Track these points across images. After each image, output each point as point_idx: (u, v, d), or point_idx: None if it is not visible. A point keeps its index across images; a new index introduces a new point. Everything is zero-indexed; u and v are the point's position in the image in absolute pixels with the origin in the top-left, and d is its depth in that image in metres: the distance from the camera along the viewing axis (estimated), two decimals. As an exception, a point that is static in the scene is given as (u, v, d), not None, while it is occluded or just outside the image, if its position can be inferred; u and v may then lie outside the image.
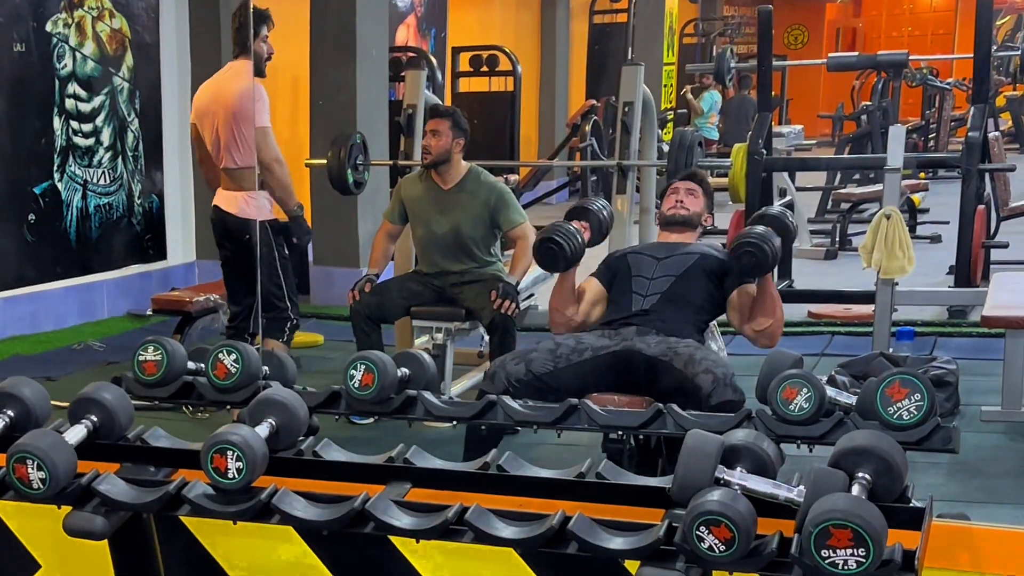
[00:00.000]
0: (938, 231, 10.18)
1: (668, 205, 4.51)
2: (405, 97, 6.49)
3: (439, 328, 5.55)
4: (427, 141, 5.51)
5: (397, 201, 5.73)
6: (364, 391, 2.80)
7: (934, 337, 6.89)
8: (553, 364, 3.89)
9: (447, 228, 5.54)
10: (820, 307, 7.63)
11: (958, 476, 4.70)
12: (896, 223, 5.92)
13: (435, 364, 2.99)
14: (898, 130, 6.19)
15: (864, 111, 12.68)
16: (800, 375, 2.66)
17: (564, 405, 2.78)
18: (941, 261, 8.61)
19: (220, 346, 2.91)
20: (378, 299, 5.49)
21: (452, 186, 5.58)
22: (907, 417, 2.52)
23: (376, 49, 8.30)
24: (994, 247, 7.79)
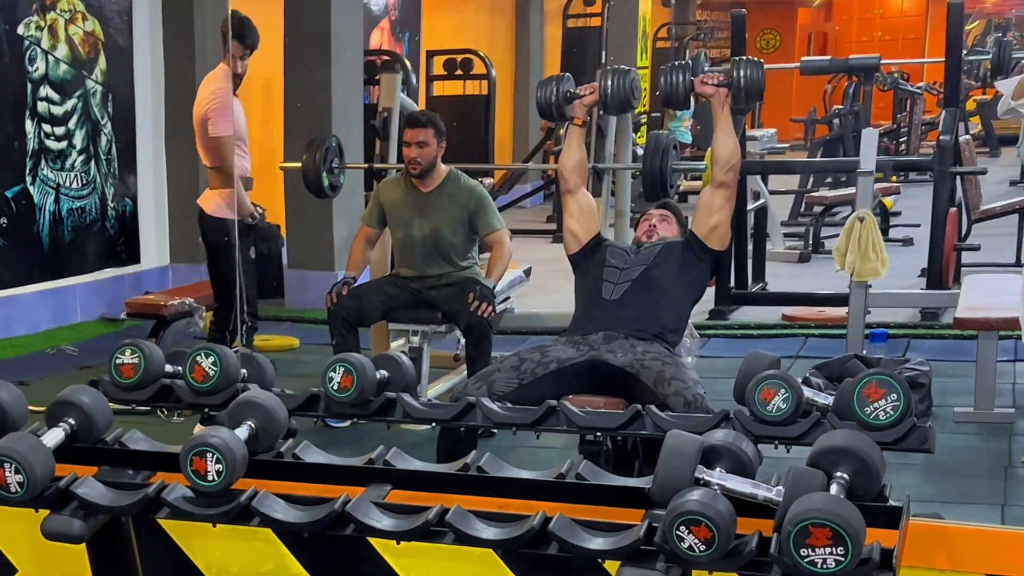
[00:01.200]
0: (910, 234, 10.25)
1: (641, 230, 4.56)
2: (380, 100, 6.48)
3: (415, 331, 5.55)
4: (414, 152, 5.49)
5: (375, 205, 5.73)
6: (343, 393, 2.80)
7: (907, 339, 6.94)
8: (517, 381, 3.89)
9: (427, 231, 5.55)
10: (794, 309, 7.67)
11: (932, 476, 4.73)
12: (869, 226, 5.96)
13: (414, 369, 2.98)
14: (871, 134, 6.23)
15: (836, 115, 12.76)
16: (778, 376, 2.68)
17: (543, 407, 2.78)
18: (913, 264, 8.67)
19: (198, 349, 2.90)
20: (356, 302, 5.49)
21: (432, 189, 5.59)
22: (883, 417, 2.54)
23: (351, 52, 8.30)
24: (965, 249, 7.85)
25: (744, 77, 4.27)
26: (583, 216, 4.43)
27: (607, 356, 3.98)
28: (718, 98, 4.29)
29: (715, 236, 4.30)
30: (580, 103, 4.55)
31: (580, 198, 4.45)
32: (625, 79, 4.50)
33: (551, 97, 4.55)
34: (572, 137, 4.52)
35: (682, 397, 3.72)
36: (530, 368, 3.97)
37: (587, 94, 4.54)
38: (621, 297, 4.20)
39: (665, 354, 4.00)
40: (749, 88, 4.26)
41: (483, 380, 3.91)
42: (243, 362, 2.99)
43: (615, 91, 4.51)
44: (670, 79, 4.41)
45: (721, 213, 4.29)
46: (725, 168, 4.29)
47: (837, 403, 2.64)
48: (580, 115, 4.54)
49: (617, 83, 4.51)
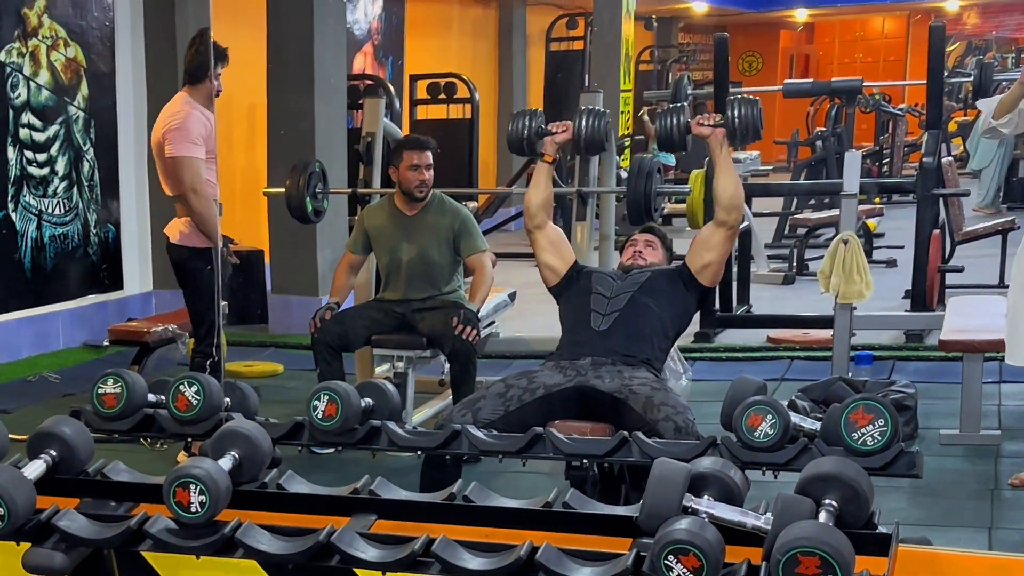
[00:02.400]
0: (894, 255, 10.28)
1: (627, 256, 4.56)
2: (364, 125, 6.49)
3: (400, 356, 5.54)
4: (424, 175, 5.52)
5: (360, 231, 5.74)
6: (327, 422, 2.78)
7: (892, 361, 6.94)
8: (504, 408, 3.87)
9: (413, 254, 5.56)
10: (779, 332, 7.67)
11: (920, 500, 4.73)
12: (854, 248, 5.98)
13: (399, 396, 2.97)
14: (853, 156, 6.27)
15: (819, 137, 12.81)
16: (765, 402, 2.67)
17: (529, 434, 2.77)
18: (897, 285, 8.69)
19: (181, 378, 2.88)
20: (340, 328, 5.48)
21: (417, 212, 5.61)
22: (871, 443, 2.53)
23: (334, 77, 8.30)
24: (949, 271, 7.87)
25: (739, 117, 4.21)
26: (556, 248, 4.43)
27: (594, 382, 3.97)
28: (716, 139, 4.25)
29: (707, 273, 4.30)
30: (551, 140, 4.50)
31: (548, 232, 4.46)
32: (600, 121, 4.47)
33: (523, 132, 4.51)
34: (540, 173, 4.49)
35: (672, 423, 3.71)
36: (516, 395, 3.95)
37: (559, 132, 4.50)
38: (609, 327, 4.19)
39: (653, 380, 3.99)
40: (745, 128, 4.20)
41: (468, 407, 3.89)
42: (227, 391, 2.97)
43: (589, 132, 4.47)
44: (666, 123, 4.36)
45: (718, 251, 4.28)
46: (728, 209, 4.25)
47: (824, 429, 2.63)
48: (550, 152, 4.49)
49: (591, 124, 4.47)
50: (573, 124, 4.51)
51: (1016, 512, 4.55)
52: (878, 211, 10.92)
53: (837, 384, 5.67)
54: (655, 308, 4.26)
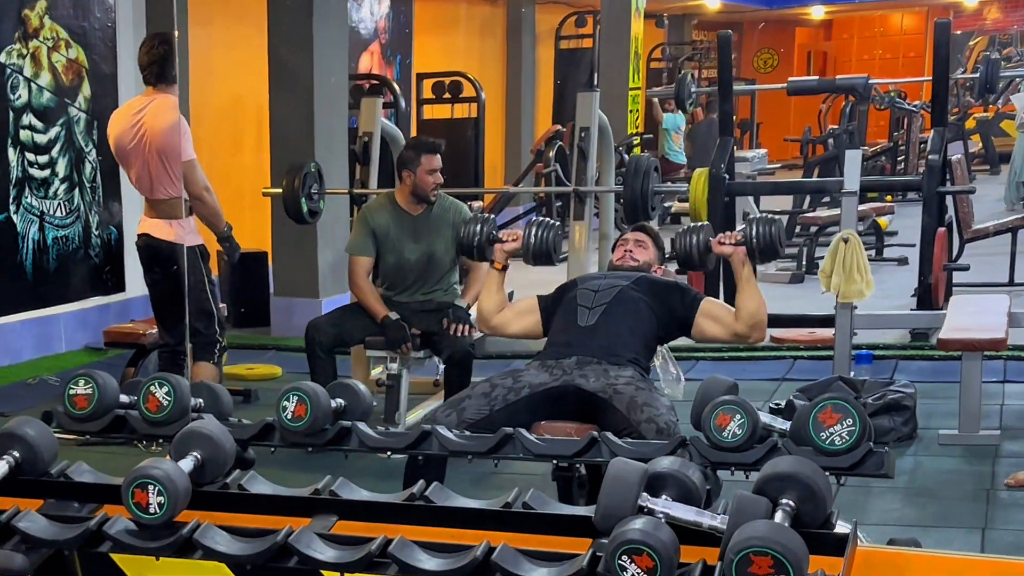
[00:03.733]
0: (905, 254, 10.24)
1: (617, 255, 4.57)
2: (360, 125, 6.52)
3: (393, 357, 5.55)
4: (437, 179, 5.59)
5: (366, 233, 5.70)
6: (297, 423, 2.81)
7: (895, 360, 6.92)
8: (489, 408, 3.89)
9: (420, 254, 5.59)
10: (783, 331, 7.65)
11: (915, 500, 4.72)
12: (854, 247, 5.95)
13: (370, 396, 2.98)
14: (854, 154, 6.25)
15: (831, 134, 12.78)
16: (733, 401, 2.68)
17: (499, 435, 2.79)
18: (907, 284, 8.64)
19: (152, 379, 2.90)
20: (336, 330, 5.51)
21: (422, 212, 5.63)
22: (839, 442, 2.54)
23: (335, 76, 8.32)
24: (955, 270, 7.84)
25: (757, 237, 4.20)
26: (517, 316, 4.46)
27: (579, 381, 3.98)
28: (737, 258, 4.24)
29: (699, 334, 4.32)
30: (501, 248, 4.51)
31: (502, 319, 4.47)
32: (549, 233, 4.46)
33: (473, 238, 4.56)
34: (491, 281, 4.51)
35: (654, 424, 3.72)
36: (501, 394, 3.97)
37: (509, 240, 4.51)
38: (595, 323, 4.20)
39: (639, 379, 4.00)
40: (764, 247, 4.20)
41: (453, 407, 3.92)
42: (198, 391, 3.00)
43: (537, 244, 4.47)
44: (685, 243, 4.35)
45: (723, 339, 4.30)
46: (749, 326, 4.24)
47: (793, 429, 2.63)
48: (500, 260, 4.51)
49: (541, 236, 4.46)
50: (523, 234, 4.52)
51: (1011, 512, 4.54)
52: (889, 209, 10.88)
53: (835, 384, 5.64)
54: (644, 303, 4.26)
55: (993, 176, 17.49)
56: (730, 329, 4.27)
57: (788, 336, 7.55)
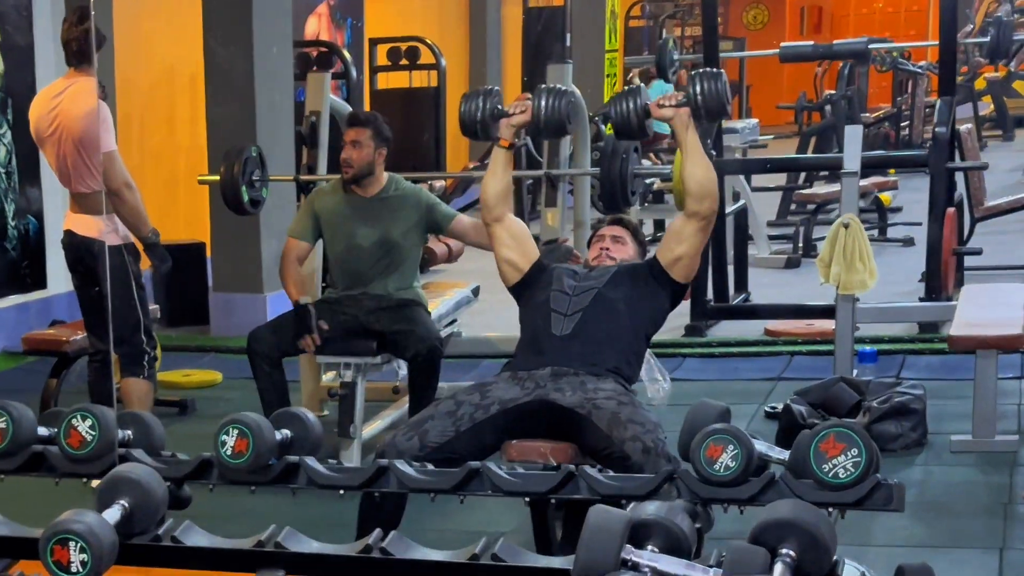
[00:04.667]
0: (911, 233, 10.26)
1: (593, 254, 4.51)
2: (307, 103, 6.44)
3: (347, 364, 5.49)
4: (347, 153, 5.50)
5: (308, 215, 5.68)
6: (238, 459, 2.76)
7: (902, 355, 6.93)
8: (454, 429, 3.84)
9: (375, 238, 5.52)
10: (778, 323, 7.65)
11: (924, 516, 4.72)
12: (855, 233, 5.96)
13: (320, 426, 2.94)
14: (854, 131, 6.24)
15: (828, 101, 12.77)
16: (725, 430, 2.65)
17: (464, 469, 2.75)
18: (913, 267, 8.64)
19: (75, 410, 2.85)
20: (278, 336, 5.43)
21: (374, 194, 5.59)
22: (843, 475, 2.53)
23: (278, 45, 8.23)
24: (966, 254, 7.85)
25: (701, 94, 4.11)
26: (518, 243, 4.40)
27: (555, 395, 3.94)
28: (680, 120, 4.17)
29: (679, 267, 4.26)
30: (508, 122, 4.39)
31: (510, 225, 4.40)
32: (561, 101, 4.39)
33: (476, 114, 4.40)
34: (497, 161, 4.42)
35: (640, 442, 3.68)
36: (468, 412, 3.92)
37: (518, 112, 4.41)
38: (572, 331, 4.16)
39: (620, 392, 3.97)
40: (709, 105, 4.12)
41: (415, 430, 3.87)
42: (127, 422, 2.95)
43: (549, 113, 4.37)
44: (619, 108, 4.26)
45: (690, 243, 4.23)
46: (698, 197, 4.18)
47: (792, 460, 2.62)
48: (507, 136, 4.40)
49: (552, 104, 4.37)
50: (532, 104, 4.45)
51: (1031, 530, 4.55)
52: (892, 183, 10.89)
53: (838, 386, 5.67)
54: (624, 306, 4.22)
55: (1007, 143, 17.58)
56: (685, 223, 4.25)
57: (784, 329, 7.56)
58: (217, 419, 6.31)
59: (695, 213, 4.21)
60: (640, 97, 4.25)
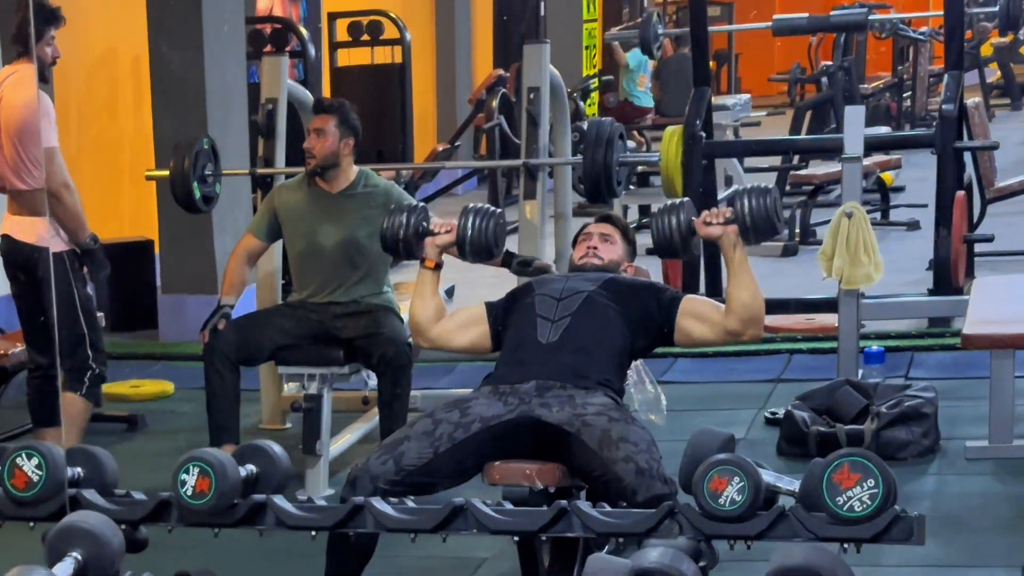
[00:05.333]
0: (915, 215, 10.28)
1: (579, 253, 4.49)
2: (263, 90, 6.40)
3: (312, 375, 5.47)
4: (310, 143, 5.49)
5: (268, 212, 5.68)
6: (199, 500, 2.74)
7: (911, 353, 6.94)
8: (432, 450, 3.82)
9: (339, 239, 5.49)
10: (777, 319, 7.64)
11: (939, 532, 4.70)
12: (859, 222, 5.96)
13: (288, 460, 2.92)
14: (856, 111, 6.25)
15: (824, 72, 12.78)
16: (730, 461, 2.64)
17: (447, 507, 2.74)
18: (920, 253, 8.65)
19: (19, 449, 2.82)
20: (240, 337, 5.40)
21: (341, 190, 5.56)
22: (859, 508, 2.54)
23: (229, 24, 8.17)
24: (977, 241, 7.87)
25: (750, 212, 4.09)
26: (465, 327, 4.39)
27: (540, 412, 3.92)
28: (728, 239, 4.14)
29: (684, 339, 4.26)
30: (433, 242, 4.41)
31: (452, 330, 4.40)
32: (489, 223, 4.38)
33: (399, 232, 4.45)
34: (424, 283, 4.41)
35: (633, 464, 3.67)
36: (447, 432, 3.90)
37: (442, 232, 4.42)
38: (559, 339, 4.14)
39: (611, 406, 3.95)
40: (758, 224, 4.10)
41: (389, 452, 3.85)
42: (76, 459, 2.92)
43: (475, 236, 4.37)
44: (663, 225, 4.22)
45: (710, 340, 4.26)
46: (744, 322, 4.16)
47: (804, 491, 2.62)
48: (432, 256, 4.40)
49: (478, 226, 4.37)
50: (458, 224, 4.44)
51: (1056, 546, 4.56)
52: (895, 162, 10.91)
53: (843, 389, 5.66)
54: (615, 314, 4.20)
55: (1015, 112, 17.66)
56: (720, 327, 4.22)
57: (782, 324, 7.54)
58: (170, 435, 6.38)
59: (735, 333, 4.17)
60: (684, 213, 4.22)
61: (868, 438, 5.35)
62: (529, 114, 6.10)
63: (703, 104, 7.67)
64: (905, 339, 7.14)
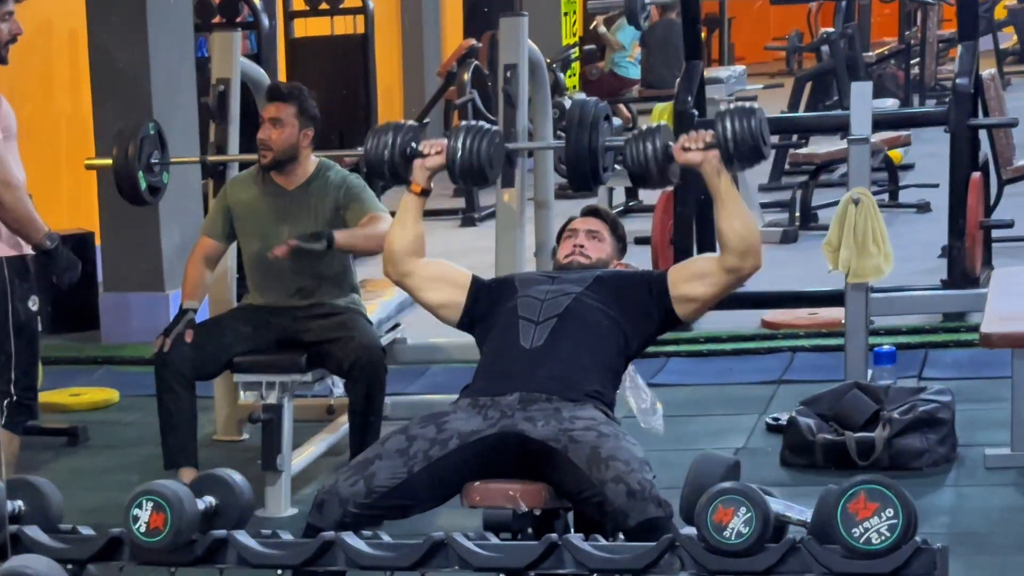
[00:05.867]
0: (926, 197, 10.31)
1: (564, 251, 4.49)
2: (214, 69, 6.36)
3: (271, 383, 5.45)
4: (264, 133, 5.46)
5: (221, 210, 5.68)
6: (153, 537, 2.73)
7: (924, 350, 6.95)
8: (406, 470, 3.82)
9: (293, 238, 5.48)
10: (777, 314, 7.67)
11: (959, 551, 4.65)
12: (868, 210, 5.95)
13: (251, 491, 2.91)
14: (862, 87, 6.26)
15: (825, 40, 12.81)
16: (736, 490, 2.64)
17: (426, 543, 2.74)
18: (932, 239, 8.69)
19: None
20: (196, 349, 5.37)
21: (297, 186, 5.54)
22: (877, 540, 2.55)
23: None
24: (994, 227, 7.89)
25: (733, 136, 4.08)
26: (441, 281, 4.40)
27: (524, 426, 3.92)
28: (709, 166, 4.15)
29: (688, 308, 4.28)
30: (422, 164, 4.40)
31: (423, 270, 4.40)
32: (482, 143, 4.35)
33: (384, 153, 4.41)
34: (407, 209, 4.42)
35: (624, 485, 3.67)
36: (422, 449, 3.90)
37: (431, 153, 4.40)
38: (544, 344, 4.14)
39: (601, 420, 3.95)
40: (742, 148, 4.09)
41: (359, 472, 3.84)
42: (16, 491, 2.90)
43: (466, 156, 4.34)
44: (637, 153, 4.25)
45: (713, 291, 4.25)
46: (741, 254, 4.16)
47: (816, 522, 2.62)
48: (420, 180, 4.40)
49: (471, 147, 4.35)
50: (448, 144, 4.42)
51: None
52: (904, 139, 10.92)
53: (851, 393, 5.66)
54: (605, 317, 4.20)
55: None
56: (718, 271, 4.22)
57: (783, 320, 7.57)
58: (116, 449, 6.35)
59: (735, 269, 4.18)
60: (659, 138, 4.22)
61: (880, 447, 5.36)
62: (506, 94, 6.09)
63: (694, 80, 7.68)
64: (917, 335, 7.17)
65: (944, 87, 15.58)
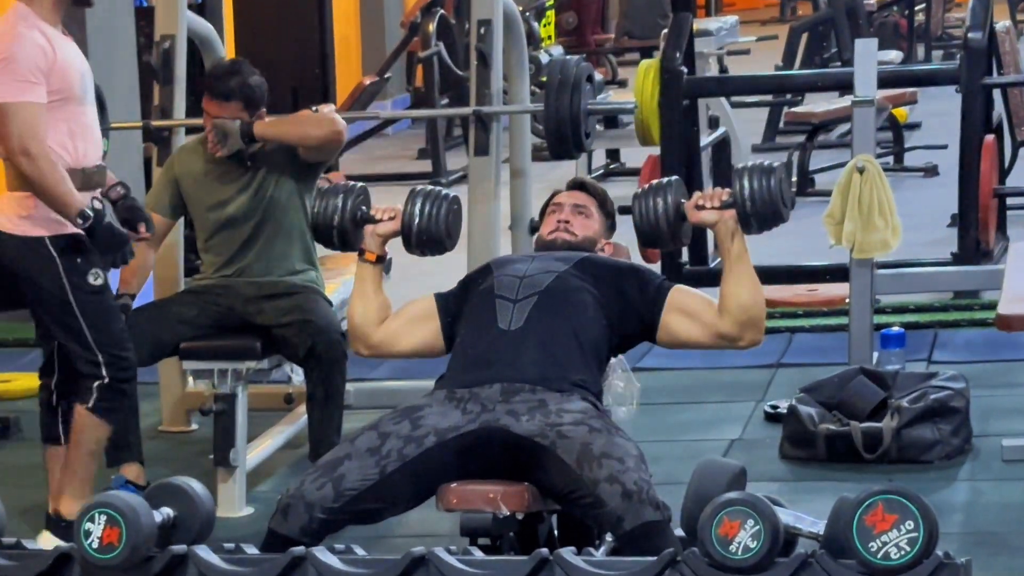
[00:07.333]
0: (933, 159, 10.34)
1: (548, 228, 4.47)
2: (157, 25, 6.35)
3: (223, 371, 5.46)
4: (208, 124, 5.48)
5: (168, 183, 5.67)
6: (107, 553, 2.74)
7: (933, 331, 6.98)
8: (378, 470, 3.82)
9: (253, 206, 5.48)
10: (773, 290, 7.66)
11: (975, 551, 4.68)
12: (873, 178, 5.97)
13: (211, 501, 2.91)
14: (866, 44, 6.26)
15: (821, -14, 12.84)
16: (743, 501, 2.66)
17: (406, 559, 2.75)
18: (940, 205, 8.70)
19: None
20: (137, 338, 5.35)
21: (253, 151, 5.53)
22: (896, 555, 2.56)
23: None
24: (1010, 195, 7.93)
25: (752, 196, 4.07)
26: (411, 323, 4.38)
27: (506, 421, 3.92)
28: (724, 227, 4.13)
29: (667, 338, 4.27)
30: (373, 231, 4.39)
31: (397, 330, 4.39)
32: (440, 208, 4.34)
33: (333, 218, 4.41)
34: (364, 280, 4.40)
35: (619, 485, 3.68)
36: (396, 448, 3.90)
37: (384, 219, 4.39)
38: (524, 324, 4.13)
39: (591, 414, 3.95)
40: (761, 209, 4.08)
41: (327, 474, 3.84)
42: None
43: (424, 223, 4.33)
44: (646, 210, 4.21)
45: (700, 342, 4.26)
46: (741, 325, 4.16)
47: (830, 534, 2.64)
48: (373, 248, 4.37)
49: (429, 211, 4.33)
50: (403, 210, 4.41)
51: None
52: (909, 96, 10.95)
53: (856, 380, 5.67)
54: (592, 294, 4.20)
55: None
56: (712, 329, 4.22)
57: (780, 297, 7.58)
58: (51, 443, 6.27)
59: (729, 338, 4.18)
60: (672, 194, 4.19)
61: (887, 438, 5.38)
62: (479, 52, 6.09)
63: (683, 34, 7.66)
64: (926, 313, 7.19)
65: (951, 36, 15.65)
